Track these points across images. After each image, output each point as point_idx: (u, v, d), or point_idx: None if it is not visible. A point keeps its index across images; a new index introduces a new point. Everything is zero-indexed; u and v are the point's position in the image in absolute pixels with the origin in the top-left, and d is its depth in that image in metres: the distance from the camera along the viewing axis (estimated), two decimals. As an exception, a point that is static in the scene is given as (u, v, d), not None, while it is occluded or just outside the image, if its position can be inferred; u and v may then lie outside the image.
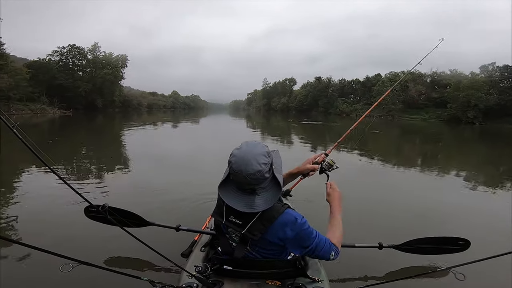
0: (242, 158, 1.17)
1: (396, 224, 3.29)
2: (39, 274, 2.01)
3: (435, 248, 2.02)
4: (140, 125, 20.49)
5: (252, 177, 1.16)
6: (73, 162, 6.64)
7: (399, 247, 2.04)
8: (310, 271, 1.44)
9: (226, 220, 1.29)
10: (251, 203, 1.20)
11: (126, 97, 56.38)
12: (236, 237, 1.30)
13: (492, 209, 4.15)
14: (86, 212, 2.04)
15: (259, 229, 1.23)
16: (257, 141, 1.27)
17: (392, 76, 52.57)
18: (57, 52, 45.05)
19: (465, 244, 1.98)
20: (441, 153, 11.19)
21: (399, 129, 24.22)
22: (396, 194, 4.75)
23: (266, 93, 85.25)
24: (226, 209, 1.28)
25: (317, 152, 9.28)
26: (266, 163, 1.19)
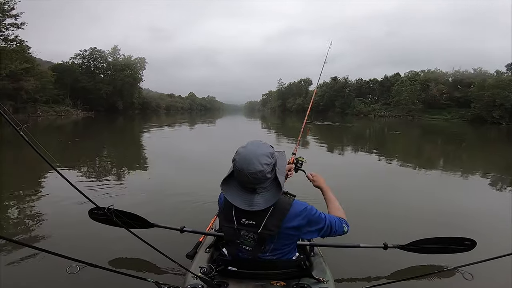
0: (245, 156, 1.20)
1: (404, 227, 3.22)
2: (46, 276, 2.02)
3: (441, 248, 2.00)
4: (158, 126, 21.01)
5: (253, 176, 1.18)
6: (86, 163, 6.78)
7: (404, 247, 2.03)
8: (315, 272, 1.44)
9: (238, 224, 1.29)
10: (251, 201, 1.23)
11: (145, 99, 57.73)
12: (250, 239, 1.29)
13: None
14: (90, 214, 2.05)
15: (274, 224, 1.26)
16: (263, 141, 1.29)
17: (412, 75, 50.98)
18: (79, 55, 46.71)
19: (471, 244, 1.96)
20: (464, 154, 10.73)
21: (419, 130, 23.40)
22: (410, 196, 4.58)
23: (281, 94, 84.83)
24: (236, 212, 1.29)
25: (334, 152, 9.17)
26: (268, 164, 1.21)
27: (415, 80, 46.80)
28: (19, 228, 2.85)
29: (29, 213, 3.30)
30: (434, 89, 44.45)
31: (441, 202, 4.18)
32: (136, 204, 3.56)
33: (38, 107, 33.04)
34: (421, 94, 44.79)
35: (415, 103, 44.81)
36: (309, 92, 72.16)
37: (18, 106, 29.57)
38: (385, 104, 51.69)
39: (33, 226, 2.87)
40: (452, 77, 47.10)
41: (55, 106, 36.70)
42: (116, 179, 5.27)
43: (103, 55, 47.86)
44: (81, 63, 46.73)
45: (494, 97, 34.23)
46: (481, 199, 4.58)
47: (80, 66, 46.21)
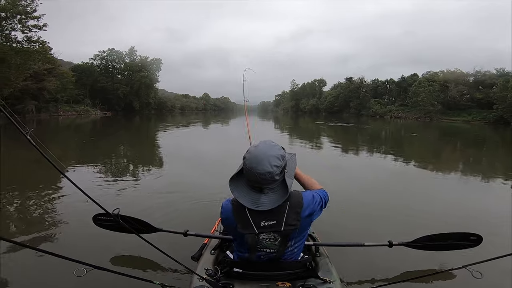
0: (256, 156, 1.21)
1: (412, 229, 3.07)
2: (54, 279, 2.03)
3: (447, 244, 1.96)
4: (172, 126, 21.38)
5: (261, 177, 1.19)
6: (97, 162, 6.81)
7: (409, 244, 1.99)
8: (321, 272, 1.43)
9: (258, 228, 1.27)
10: (256, 201, 1.24)
11: (160, 99, 58.99)
12: (271, 240, 1.29)
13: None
14: (95, 221, 2.07)
15: (294, 218, 1.27)
16: (275, 143, 1.29)
17: (430, 75, 49.45)
18: (98, 56, 48.38)
19: (477, 240, 1.92)
20: (485, 158, 10.29)
21: (437, 131, 22.65)
22: (423, 200, 4.42)
23: (294, 95, 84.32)
24: (253, 217, 1.27)
25: (348, 153, 9.04)
26: (278, 166, 1.21)
27: (433, 81, 45.34)
28: (27, 231, 2.86)
29: (37, 216, 3.31)
30: (454, 90, 42.88)
31: (455, 206, 4.07)
32: (140, 204, 3.65)
33: (59, 107, 34.37)
34: (440, 95, 43.33)
35: (433, 104, 43.37)
36: (323, 93, 71.48)
37: (41, 106, 30.92)
38: (402, 105, 50.38)
39: (40, 229, 2.89)
40: (473, 77, 45.14)
41: (75, 105, 38.10)
42: (123, 179, 5.31)
43: (120, 56, 49.35)
44: (99, 64, 48.28)
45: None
46: (498, 202, 4.39)
47: (99, 67, 47.75)
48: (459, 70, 47.41)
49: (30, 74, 25.37)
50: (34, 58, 22.87)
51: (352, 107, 57.90)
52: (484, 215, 3.67)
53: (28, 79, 25.46)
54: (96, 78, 44.52)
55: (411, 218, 3.43)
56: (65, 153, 8.43)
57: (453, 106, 43.06)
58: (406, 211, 3.71)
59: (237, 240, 1.37)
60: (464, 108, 42.36)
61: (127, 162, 7.34)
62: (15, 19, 20.51)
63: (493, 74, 42.32)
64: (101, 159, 7.39)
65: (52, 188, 4.21)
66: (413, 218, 3.43)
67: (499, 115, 35.02)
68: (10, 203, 3.68)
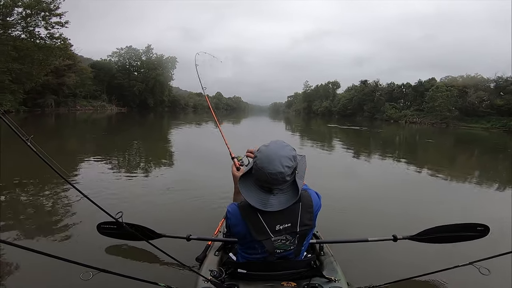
0: (267, 156, 1.19)
1: None
2: (61, 282, 2.02)
3: (453, 236, 1.92)
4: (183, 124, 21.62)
5: (272, 177, 1.17)
6: (104, 159, 6.77)
7: (414, 237, 1.95)
8: (326, 271, 1.43)
9: (274, 233, 1.25)
10: (265, 201, 1.21)
11: (174, 97, 59.95)
12: (283, 241, 1.28)
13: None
14: (99, 229, 2.10)
15: (308, 217, 1.28)
16: (286, 143, 1.27)
17: (449, 80, 48.00)
18: (116, 53, 49.74)
19: (484, 230, 1.88)
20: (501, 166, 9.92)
21: (454, 138, 22.00)
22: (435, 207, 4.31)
23: (307, 96, 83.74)
24: (266, 220, 1.24)
25: (359, 157, 8.93)
26: (290, 167, 1.19)
27: (452, 86, 43.95)
28: (32, 234, 2.85)
29: (41, 218, 3.28)
30: (473, 96, 41.37)
31: (463, 210, 4.04)
32: (143, 204, 3.66)
33: (77, 102, 35.46)
34: (458, 100, 41.95)
35: (450, 110, 42.00)
36: (337, 95, 70.68)
37: (60, 100, 31.97)
38: (417, 110, 49.08)
39: (45, 232, 2.88)
40: (494, 83, 43.37)
41: (92, 101, 39.22)
42: (128, 175, 5.33)
43: (137, 54, 50.54)
44: (117, 61, 49.54)
45: None
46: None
47: (116, 64, 49.00)
48: (479, 75, 45.82)
49: (51, 70, 26.32)
50: (56, 54, 23.71)
51: (365, 110, 56.94)
52: (492, 215, 3.65)
53: (49, 74, 26.41)
54: (113, 75, 45.75)
55: (416, 217, 3.48)
56: (75, 146, 8.72)
57: (471, 112, 41.57)
58: (413, 211, 3.77)
59: (247, 244, 1.33)
60: (483, 115, 40.75)
61: (134, 158, 7.46)
62: (39, 16, 21.31)
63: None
64: (109, 154, 7.47)
65: (56, 190, 4.12)
66: (419, 218, 3.47)
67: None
68: (12, 205, 3.63)
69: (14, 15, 20.79)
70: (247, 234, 1.27)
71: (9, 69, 20.00)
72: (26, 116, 21.16)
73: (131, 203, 3.68)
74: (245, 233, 1.27)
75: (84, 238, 2.73)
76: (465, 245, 1.98)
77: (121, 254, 2.44)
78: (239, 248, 1.42)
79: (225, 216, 1.38)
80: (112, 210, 1.25)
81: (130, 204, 3.65)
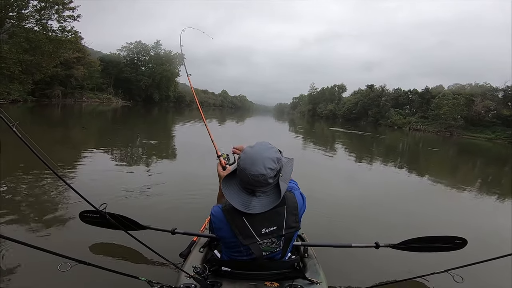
0: (250, 157, 1.18)
1: None
2: (36, 273, 1.96)
3: (432, 247, 2.01)
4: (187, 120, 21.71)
5: (254, 178, 1.16)
6: (98, 151, 6.65)
7: (396, 246, 2.02)
8: (308, 273, 1.44)
9: (260, 237, 1.24)
10: (247, 203, 1.20)
11: (180, 93, 60.27)
12: (269, 244, 1.28)
13: None
14: (81, 217, 2.06)
15: (293, 219, 1.27)
16: (272, 145, 1.26)
17: (457, 88, 47.53)
18: (125, 47, 50.29)
19: (461, 243, 1.98)
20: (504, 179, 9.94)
21: (457, 148, 21.91)
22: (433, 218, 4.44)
23: (312, 98, 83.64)
24: (251, 224, 1.24)
25: (361, 164, 8.99)
26: (272, 169, 1.17)
27: (459, 94, 43.42)
28: (7, 222, 2.72)
29: (19, 207, 3.14)
30: (480, 105, 40.87)
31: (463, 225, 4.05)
32: (129, 198, 3.59)
33: (84, 93, 35.88)
34: (464, 109, 41.34)
35: (455, 119, 41.47)
36: (342, 99, 70.44)
37: (67, 92, 32.40)
38: (422, 118, 48.66)
39: (23, 221, 2.79)
40: (502, 92, 42.55)
41: (99, 93, 39.63)
42: (117, 168, 5.24)
43: (146, 49, 50.98)
44: (126, 55, 50.07)
45: None
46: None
47: (125, 58, 49.54)
48: (488, 84, 45.19)
49: (60, 61, 26.72)
50: (66, 47, 24.10)
51: (370, 115, 56.69)
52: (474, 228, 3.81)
53: (58, 66, 26.81)
54: (121, 69, 46.22)
55: (406, 226, 3.63)
56: (73, 136, 8.80)
57: (476, 122, 41.13)
58: (404, 220, 3.92)
59: (232, 247, 1.31)
60: (489, 125, 40.28)
61: (130, 151, 7.39)
62: (53, 9, 21.69)
63: None
64: (104, 146, 7.42)
65: (37, 179, 3.98)
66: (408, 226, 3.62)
67: None
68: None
69: (29, 7, 21.17)
70: (232, 237, 1.25)
71: (20, 60, 20.36)
72: (34, 105, 21.55)
73: (118, 195, 3.61)
74: (230, 236, 1.26)
75: (63, 228, 2.67)
76: (444, 254, 2.06)
77: (103, 246, 2.38)
78: (223, 248, 1.40)
79: (210, 218, 1.36)
80: (97, 200, 1.20)
81: (117, 195, 3.59)
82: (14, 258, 2.05)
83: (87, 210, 2.03)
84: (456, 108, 41.35)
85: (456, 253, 2.03)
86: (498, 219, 4.48)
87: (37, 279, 1.94)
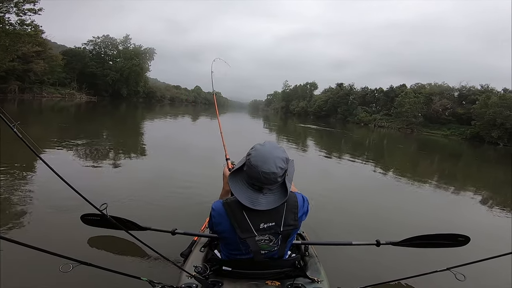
0: (262, 155, 1.21)
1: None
2: (38, 275, 1.96)
3: (434, 243, 1.99)
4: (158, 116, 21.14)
5: (265, 176, 1.19)
6: (79, 150, 6.47)
7: (397, 243, 1.99)
8: (309, 272, 1.46)
9: (258, 231, 1.27)
10: (254, 200, 1.22)
11: (150, 88, 58.33)
12: (267, 241, 1.30)
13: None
14: (83, 219, 2.07)
15: (292, 218, 1.31)
16: (280, 145, 1.31)
17: (418, 87, 50.71)
18: (91, 41, 47.96)
19: (464, 240, 1.95)
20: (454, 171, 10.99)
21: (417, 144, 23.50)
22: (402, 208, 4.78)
23: (285, 95, 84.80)
24: (251, 219, 1.26)
25: (330, 159, 9.37)
26: (282, 168, 1.22)
27: (420, 93, 46.40)
28: (7, 223, 2.70)
29: (18, 207, 3.10)
30: (438, 104, 43.96)
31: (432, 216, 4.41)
32: (127, 199, 3.55)
33: (44, 88, 33.59)
34: (424, 107, 44.27)
35: (416, 116, 44.25)
36: (314, 96, 72.30)
37: (25, 87, 30.11)
38: (386, 115, 51.36)
39: (23, 222, 2.77)
40: (458, 92, 46.14)
41: (60, 88, 37.30)
42: (106, 169, 5.11)
43: (114, 43, 49.07)
44: (92, 49, 47.88)
45: (495, 116, 33.27)
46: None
47: (91, 52, 47.36)
48: (446, 84, 48.65)
49: (18, 56, 24.79)
50: (24, 41, 22.42)
51: (339, 112, 58.71)
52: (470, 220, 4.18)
53: (15, 60, 24.88)
54: (87, 63, 43.93)
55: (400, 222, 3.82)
56: (41, 134, 8.24)
57: (434, 119, 44.13)
58: (397, 217, 4.10)
59: (231, 244, 1.34)
60: (445, 122, 43.43)
61: (111, 151, 7.08)
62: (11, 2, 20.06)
63: (477, 89, 43.31)
64: (86, 146, 7.04)
65: (35, 178, 3.93)
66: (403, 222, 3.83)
67: (475, 132, 35.80)
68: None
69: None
70: (231, 232, 1.28)
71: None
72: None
73: (116, 196, 3.61)
74: (229, 231, 1.29)
75: (64, 229, 2.66)
76: (446, 253, 2.07)
77: (104, 247, 2.39)
78: (223, 247, 1.42)
79: (210, 214, 1.37)
80: (96, 201, 1.20)
81: (115, 196, 3.58)
82: (15, 259, 2.03)
83: (89, 213, 2.05)
84: (416, 106, 44.01)
85: (459, 251, 2.02)
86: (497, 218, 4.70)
87: (39, 280, 1.94)
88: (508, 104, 33.66)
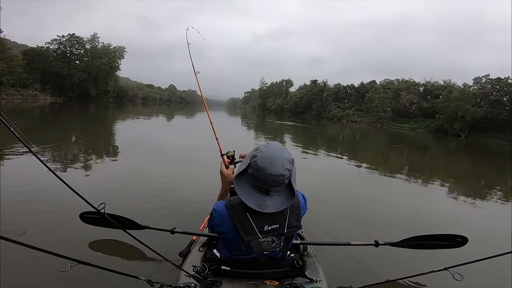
0: (269, 157, 1.18)
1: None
2: (37, 274, 1.96)
3: (432, 244, 1.99)
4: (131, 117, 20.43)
5: (273, 178, 1.16)
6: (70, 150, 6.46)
7: (396, 244, 1.99)
8: (308, 271, 1.45)
9: (262, 234, 1.26)
10: (261, 202, 1.20)
11: (121, 87, 56.16)
12: (269, 242, 1.30)
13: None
14: (81, 218, 2.06)
15: (296, 219, 1.31)
16: (284, 146, 1.29)
17: (387, 83, 53.08)
18: (56, 40, 45.14)
19: (462, 241, 1.97)
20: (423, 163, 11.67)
21: (387, 137, 24.61)
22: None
23: (262, 93, 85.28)
24: (255, 221, 1.25)
25: (307, 153, 9.60)
26: (289, 169, 1.20)
27: (388, 88, 48.54)
28: (4, 223, 2.70)
29: (15, 206, 3.10)
30: (405, 98, 46.21)
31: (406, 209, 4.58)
32: (126, 199, 3.57)
33: (3, 90, 31.24)
34: (392, 102, 46.35)
35: (385, 111, 46.14)
36: (289, 93, 73.32)
37: (-18, 88, 27.85)
38: (358, 110, 53.24)
39: (20, 221, 2.74)
40: (423, 87, 48.84)
41: (22, 90, 34.85)
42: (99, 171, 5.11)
43: (81, 42, 46.60)
44: (56, 49, 45.15)
45: (456, 109, 35.58)
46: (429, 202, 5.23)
47: (55, 52, 44.63)
48: (412, 79, 51.42)
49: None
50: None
51: (314, 109, 60.04)
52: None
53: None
54: (51, 63, 41.18)
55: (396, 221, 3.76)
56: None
57: (402, 113, 46.47)
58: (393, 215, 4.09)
59: (232, 245, 1.33)
60: (412, 116, 45.89)
61: (112, 149, 6.98)
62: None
63: (440, 85, 46.25)
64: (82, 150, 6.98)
65: (31, 178, 3.92)
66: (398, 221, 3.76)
67: (439, 125, 38.13)
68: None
69: None
70: (234, 234, 1.27)
71: None
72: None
73: (114, 195, 3.62)
74: (232, 233, 1.27)
75: (62, 228, 2.65)
76: (443, 253, 2.08)
77: (102, 246, 2.39)
78: (222, 247, 1.41)
79: (210, 215, 1.36)
80: (95, 200, 1.21)
81: (114, 195, 3.58)
82: (13, 259, 2.02)
83: (88, 211, 2.03)
84: (385, 101, 46.14)
85: (456, 252, 2.04)
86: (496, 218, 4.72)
87: (37, 280, 1.93)
88: (467, 98, 36.31)
